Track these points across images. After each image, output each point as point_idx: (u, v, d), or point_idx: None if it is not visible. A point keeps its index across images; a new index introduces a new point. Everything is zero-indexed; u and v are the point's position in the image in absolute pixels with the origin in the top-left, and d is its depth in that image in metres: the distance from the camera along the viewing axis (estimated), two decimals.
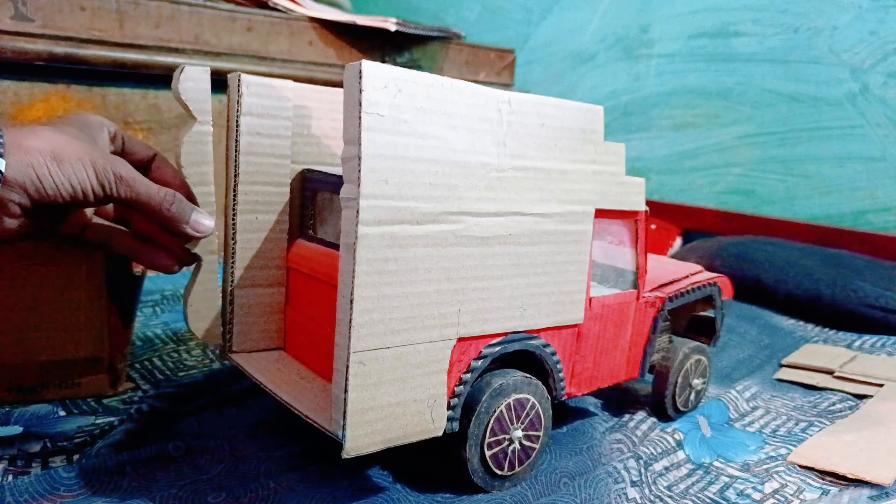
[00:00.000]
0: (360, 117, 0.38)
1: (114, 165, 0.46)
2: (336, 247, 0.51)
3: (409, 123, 0.40)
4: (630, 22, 0.86)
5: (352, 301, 0.39)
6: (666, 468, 0.56)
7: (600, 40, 0.86)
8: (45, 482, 0.47)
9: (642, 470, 0.54)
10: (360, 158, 0.38)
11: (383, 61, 1.19)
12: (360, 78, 0.38)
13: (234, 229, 0.54)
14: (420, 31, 1.18)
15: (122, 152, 0.53)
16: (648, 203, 0.58)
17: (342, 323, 0.40)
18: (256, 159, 0.53)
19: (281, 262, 0.57)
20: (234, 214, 0.53)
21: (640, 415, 0.63)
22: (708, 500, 0.52)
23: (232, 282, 0.54)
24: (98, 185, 0.46)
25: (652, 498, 0.51)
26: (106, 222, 0.55)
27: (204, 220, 0.51)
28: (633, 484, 0.52)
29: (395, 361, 0.42)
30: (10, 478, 0.48)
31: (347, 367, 0.40)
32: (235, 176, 0.53)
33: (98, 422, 0.57)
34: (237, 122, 0.52)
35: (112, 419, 0.57)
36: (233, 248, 0.54)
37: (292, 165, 0.55)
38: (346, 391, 0.40)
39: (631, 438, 0.59)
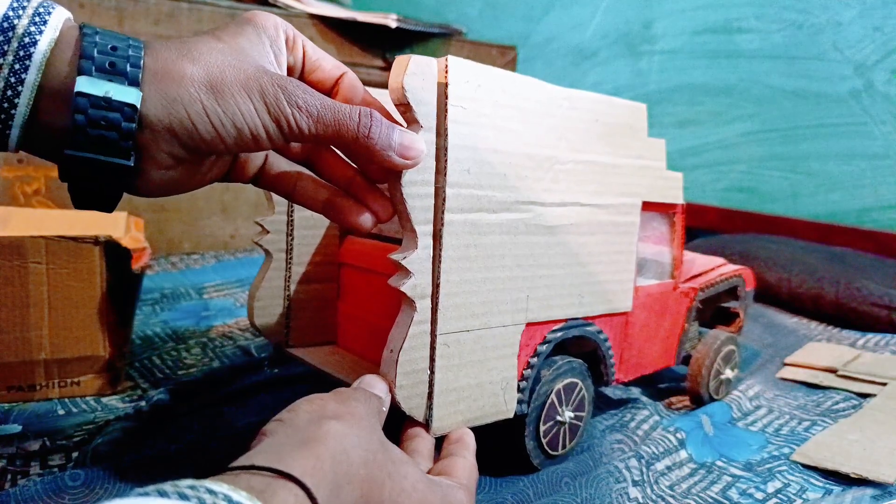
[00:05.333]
0: (446, 109, 0.40)
1: (290, 93, 0.35)
2: (392, 240, 0.55)
3: (488, 116, 0.42)
4: (632, 18, 0.86)
5: (438, 285, 0.41)
6: (668, 468, 0.56)
7: (602, 36, 0.86)
8: (44, 482, 0.47)
9: (644, 469, 0.54)
10: (446, 149, 0.40)
11: (384, 58, 1.19)
12: (447, 72, 0.40)
13: (291, 226, 0.56)
14: (421, 28, 1.18)
15: (302, 66, 0.41)
16: None
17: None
18: None
19: (333, 257, 0.59)
20: (291, 211, 0.55)
21: (642, 414, 0.63)
22: (710, 500, 0.52)
23: (289, 277, 0.57)
24: (272, 122, 0.35)
25: (654, 497, 0.51)
26: (291, 164, 0.44)
27: (416, 143, 0.38)
28: (635, 483, 0.52)
29: (474, 344, 0.44)
30: (9, 477, 0.48)
31: (434, 348, 0.42)
32: None
33: (97, 421, 0.57)
34: None
35: (111, 418, 0.57)
36: (290, 245, 0.56)
37: None
38: (432, 372, 0.42)
39: (632, 438, 0.59)
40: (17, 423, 0.55)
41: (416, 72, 0.38)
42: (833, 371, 0.76)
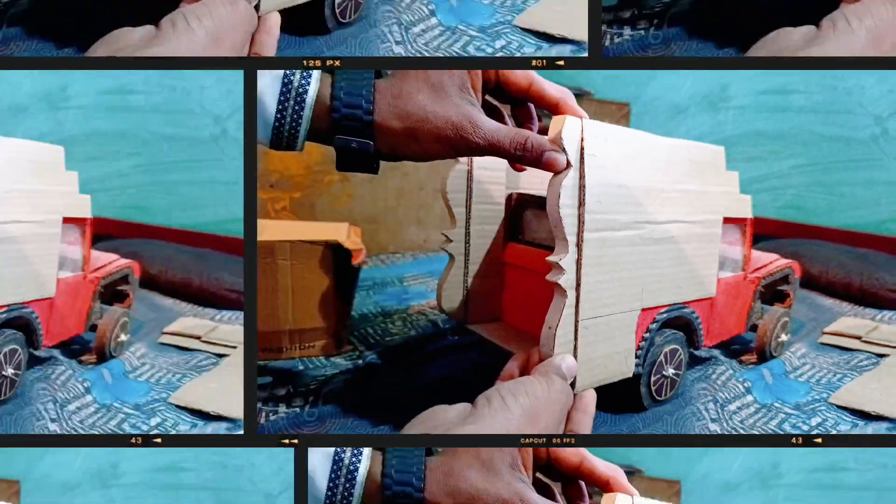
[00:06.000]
0: (583, 158, 0.46)
1: (469, 130, 0.44)
2: (543, 246, 0.62)
3: (613, 160, 0.49)
4: (713, 83, 1.00)
5: (579, 284, 0.48)
6: (738, 408, 0.63)
7: (691, 96, 1.00)
8: (288, 417, 0.58)
9: (720, 410, 0.63)
10: (584, 186, 0.47)
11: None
12: (583, 131, 0.47)
13: (468, 236, 0.65)
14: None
15: (495, 81, 0.49)
16: None
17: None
18: (482, 186, 0.66)
19: (500, 259, 0.68)
20: (468, 225, 0.65)
21: (720, 369, 0.71)
22: (769, 431, 0.61)
23: (466, 273, 0.66)
24: (453, 151, 0.46)
25: (728, 430, 0.60)
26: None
27: (559, 158, 0.46)
28: (713, 420, 0.61)
29: (605, 326, 0.51)
30: (264, 414, 0.58)
31: (576, 330, 0.48)
32: (469, 198, 0.65)
33: (326, 374, 0.66)
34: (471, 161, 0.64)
35: (336, 372, 0.66)
36: (468, 250, 0.66)
37: (505, 189, 0.68)
38: (576, 348, 0.49)
39: (712, 386, 0.67)
40: (268, 376, 0.64)
41: (568, 128, 0.46)
42: (858, 338, 0.83)
